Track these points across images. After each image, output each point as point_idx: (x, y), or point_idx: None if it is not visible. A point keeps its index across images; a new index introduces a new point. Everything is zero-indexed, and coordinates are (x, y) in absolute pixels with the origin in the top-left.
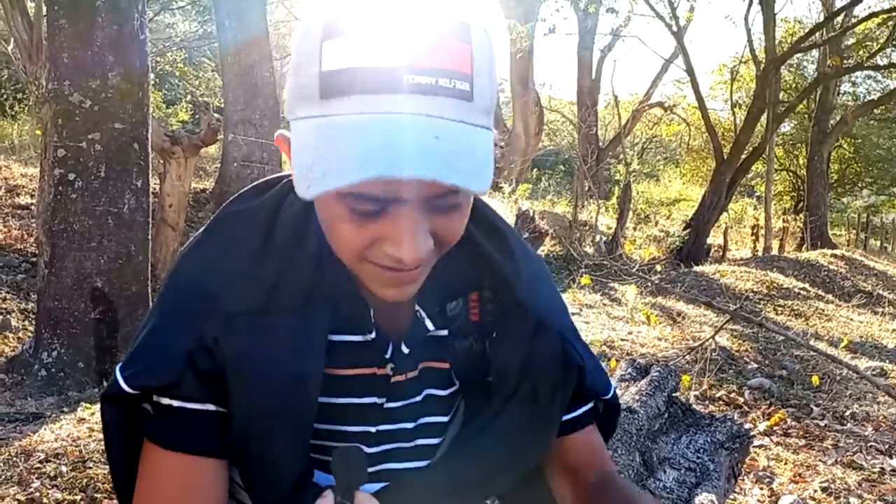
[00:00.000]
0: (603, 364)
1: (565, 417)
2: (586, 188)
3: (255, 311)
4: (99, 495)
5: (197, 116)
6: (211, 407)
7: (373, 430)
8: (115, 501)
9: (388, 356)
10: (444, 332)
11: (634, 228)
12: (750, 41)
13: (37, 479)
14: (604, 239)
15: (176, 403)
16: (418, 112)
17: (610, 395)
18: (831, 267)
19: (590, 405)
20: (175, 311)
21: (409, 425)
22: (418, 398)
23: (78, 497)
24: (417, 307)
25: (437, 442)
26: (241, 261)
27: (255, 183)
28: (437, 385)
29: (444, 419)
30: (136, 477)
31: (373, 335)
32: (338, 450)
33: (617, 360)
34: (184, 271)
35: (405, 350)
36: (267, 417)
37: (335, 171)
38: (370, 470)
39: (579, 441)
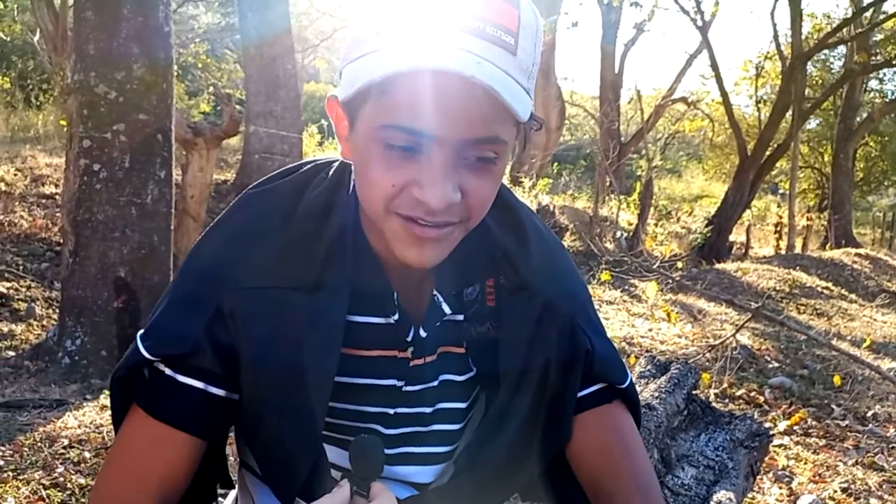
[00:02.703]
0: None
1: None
2: (607, 183)
3: (273, 287)
4: None
5: (219, 108)
6: (213, 389)
7: (391, 411)
8: None
9: (409, 339)
10: (461, 317)
11: (656, 225)
12: (776, 36)
13: (61, 464)
14: (624, 235)
15: (180, 377)
16: (469, 50)
17: (626, 385)
18: (855, 266)
19: (602, 384)
20: (196, 284)
21: (428, 410)
22: (434, 382)
23: None
24: (435, 291)
25: (455, 428)
26: (263, 236)
27: (278, 170)
28: (453, 370)
29: (462, 405)
30: None
31: (395, 317)
32: (355, 440)
33: (637, 357)
34: (205, 247)
35: (423, 334)
36: (278, 397)
37: (387, 59)
38: (389, 452)
39: (591, 420)
